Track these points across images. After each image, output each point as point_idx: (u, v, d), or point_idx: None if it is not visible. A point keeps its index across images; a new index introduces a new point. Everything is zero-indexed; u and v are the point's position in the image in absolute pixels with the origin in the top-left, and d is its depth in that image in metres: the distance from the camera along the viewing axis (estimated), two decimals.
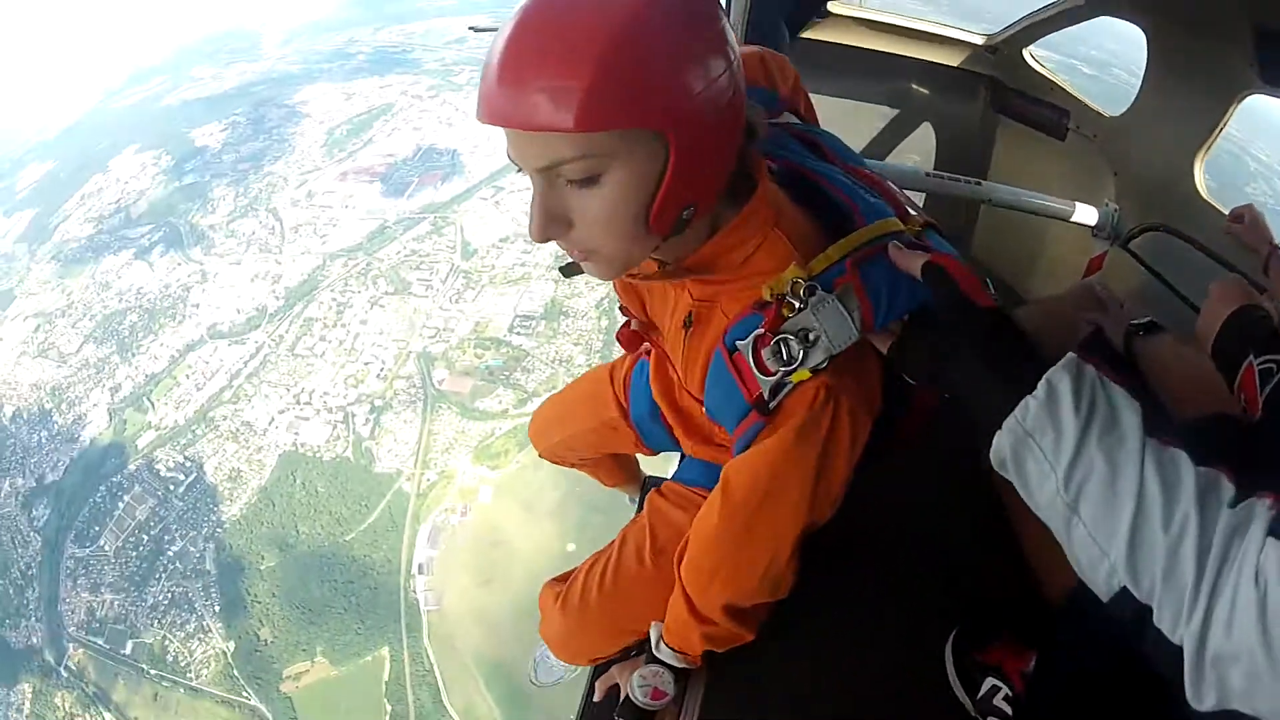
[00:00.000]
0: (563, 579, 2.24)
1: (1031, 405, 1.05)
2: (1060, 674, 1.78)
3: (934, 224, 1.62)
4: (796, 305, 1.26)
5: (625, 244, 1.21)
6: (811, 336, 1.25)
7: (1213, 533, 0.90)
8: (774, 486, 1.40)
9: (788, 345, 1.25)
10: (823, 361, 1.24)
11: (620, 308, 1.79)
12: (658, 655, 1.88)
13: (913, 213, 1.61)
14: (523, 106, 1.00)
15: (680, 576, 1.70)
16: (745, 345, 1.30)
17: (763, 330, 1.27)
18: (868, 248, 1.32)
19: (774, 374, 1.27)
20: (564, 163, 1.06)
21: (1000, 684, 2.01)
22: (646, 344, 1.82)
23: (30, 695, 29.68)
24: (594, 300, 37.88)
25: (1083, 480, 0.99)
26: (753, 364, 1.29)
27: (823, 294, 1.26)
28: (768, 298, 1.28)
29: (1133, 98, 3.26)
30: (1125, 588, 0.96)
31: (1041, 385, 1.05)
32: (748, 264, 1.34)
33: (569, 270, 1.45)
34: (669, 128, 1.08)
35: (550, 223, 1.13)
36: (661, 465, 2.96)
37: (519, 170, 1.12)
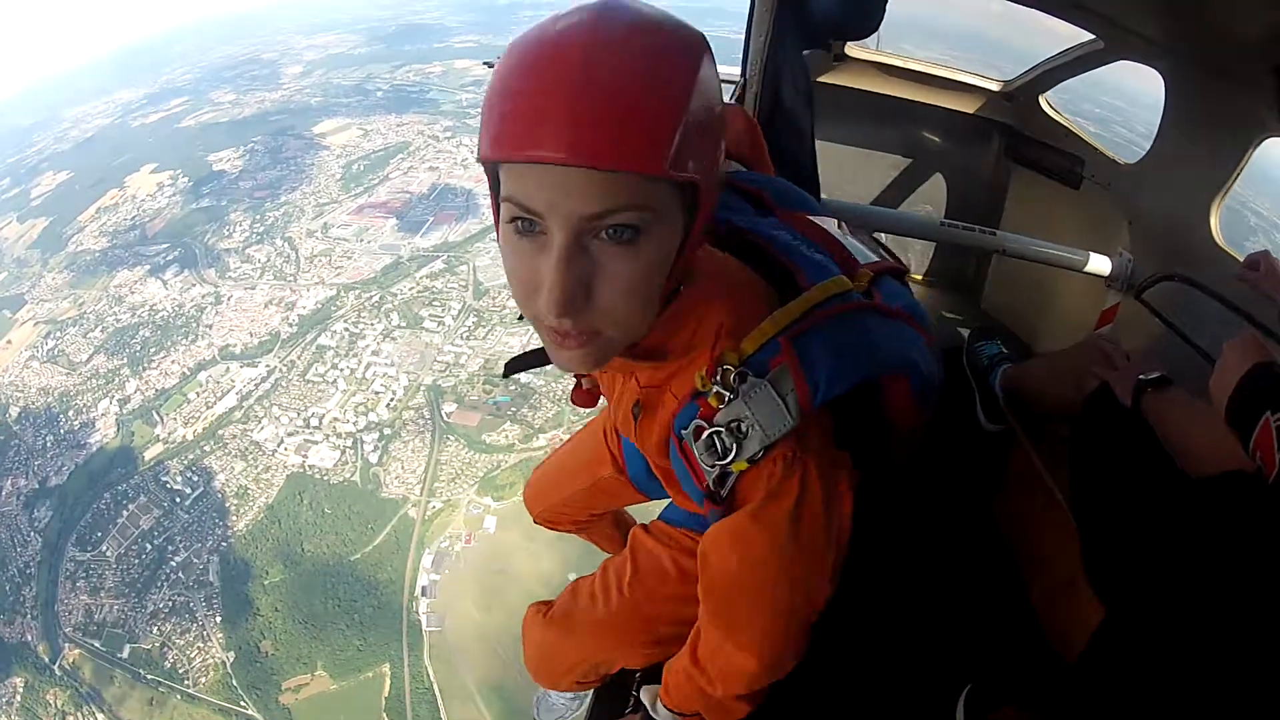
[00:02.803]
0: (547, 603, 2.29)
1: None
2: None
3: (895, 267, 1.56)
4: (727, 395, 1.19)
5: (640, 316, 1.13)
6: (744, 427, 1.18)
7: None
8: (745, 564, 1.31)
9: (720, 438, 1.19)
10: (758, 452, 1.18)
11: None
12: (655, 716, 1.80)
13: (871, 257, 1.53)
14: (613, 143, 0.92)
15: (696, 661, 1.58)
16: (688, 435, 1.24)
17: (699, 421, 1.22)
18: (813, 314, 1.25)
19: (713, 467, 1.21)
20: (620, 210, 0.97)
21: None
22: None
23: (21, 689, 29.29)
24: None
25: None
26: (696, 454, 1.24)
27: (754, 380, 1.19)
28: (700, 387, 1.22)
29: (1146, 146, 3.18)
30: None
31: None
32: (693, 345, 1.26)
33: (515, 366, 1.41)
34: (703, 183, 1.05)
35: (577, 288, 1.01)
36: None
37: (526, 226, 1.01)
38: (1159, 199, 3.05)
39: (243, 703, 28.60)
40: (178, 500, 34.21)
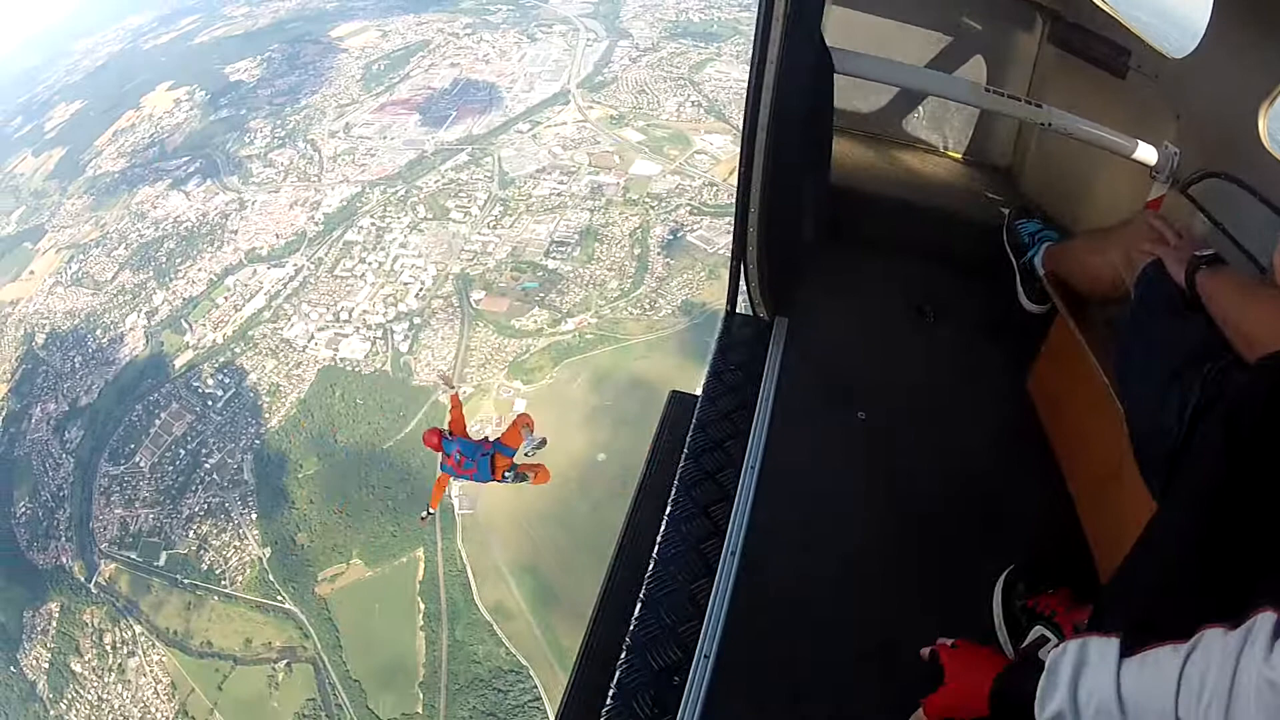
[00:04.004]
0: None
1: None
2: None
3: None
4: None
5: None
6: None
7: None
8: None
9: None
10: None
11: None
12: None
13: None
14: None
15: None
16: None
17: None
18: None
19: None
20: None
21: (1050, 635, 1.93)
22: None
23: (57, 614, 30.81)
24: (627, 229, 39.07)
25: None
26: None
27: None
28: None
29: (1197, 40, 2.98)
30: None
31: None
32: None
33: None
34: None
35: None
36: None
37: None
38: (1207, 96, 2.97)
39: (279, 597, 30.19)
40: (210, 403, 35.58)
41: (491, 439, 4.84)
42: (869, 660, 2.13)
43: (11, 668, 30.23)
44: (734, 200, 2.99)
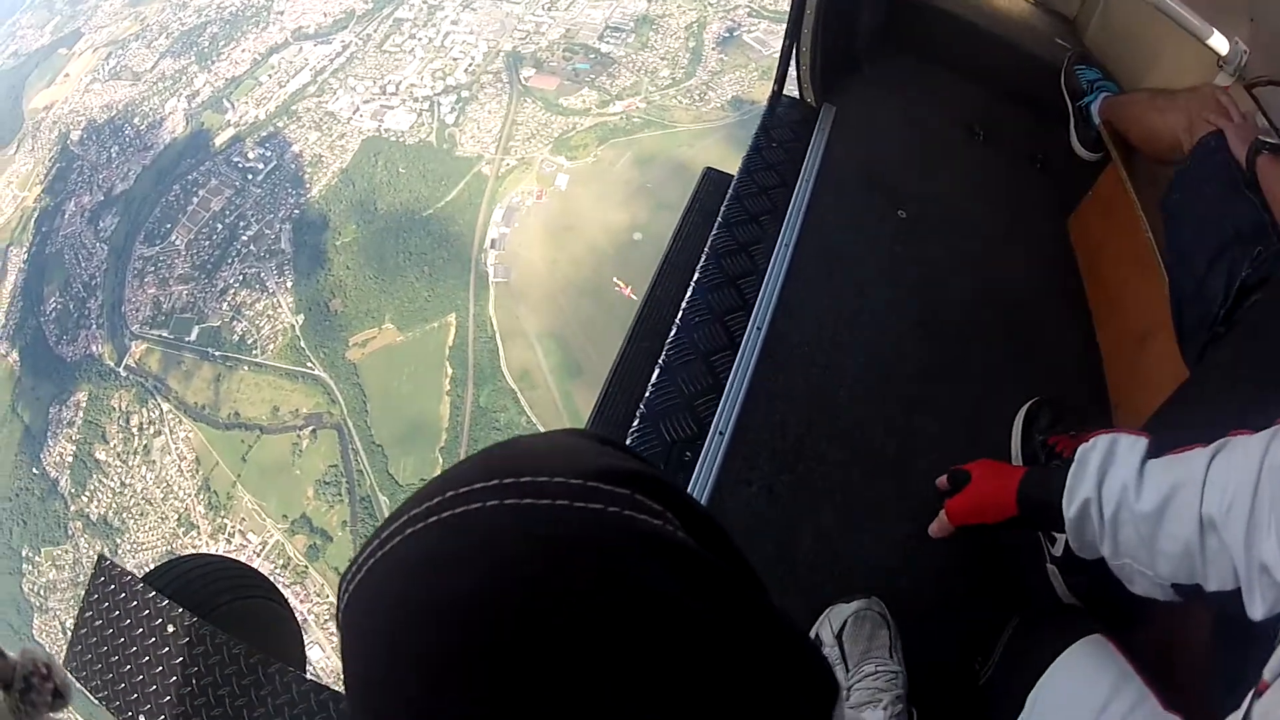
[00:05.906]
0: None
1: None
2: None
3: None
4: None
5: None
6: None
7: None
8: None
9: None
10: None
11: None
12: None
13: None
14: None
15: None
16: None
17: None
18: None
19: None
20: None
21: None
22: None
23: (85, 403, 32.16)
24: (684, 22, 39.23)
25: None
26: None
27: None
28: None
29: None
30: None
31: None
32: None
33: None
34: None
35: None
36: None
37: None
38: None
39: (309, 364, 31.69)
40: (250, 177, 36.74)
41: None
42: (883, 465, 2.21)
43: (34, 469, 31.57)
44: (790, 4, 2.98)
